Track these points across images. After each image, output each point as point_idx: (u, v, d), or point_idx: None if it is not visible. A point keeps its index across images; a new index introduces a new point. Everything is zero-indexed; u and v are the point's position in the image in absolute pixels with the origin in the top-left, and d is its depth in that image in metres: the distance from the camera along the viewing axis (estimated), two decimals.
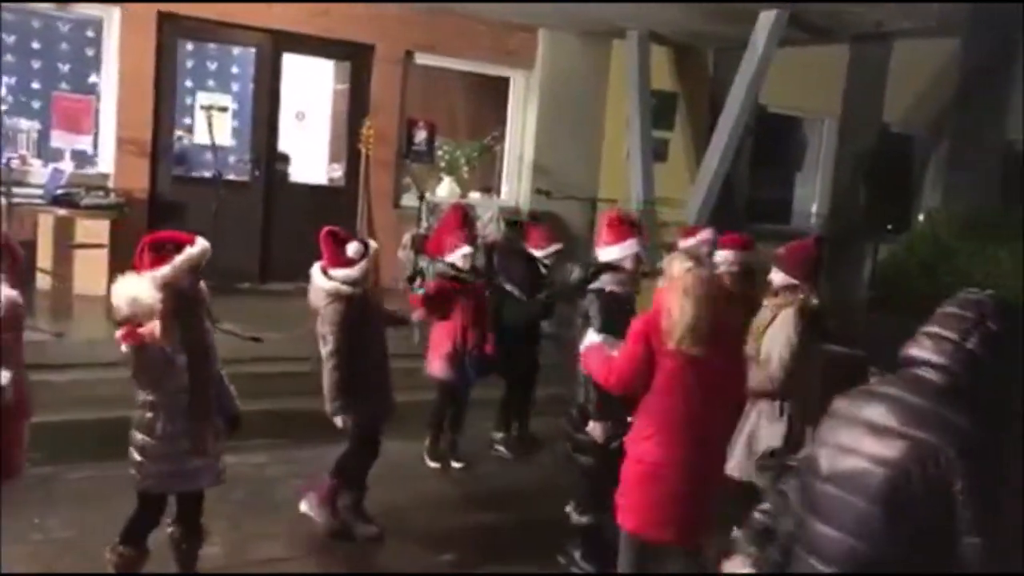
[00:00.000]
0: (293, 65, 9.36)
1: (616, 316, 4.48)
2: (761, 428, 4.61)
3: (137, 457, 3.91)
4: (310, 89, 10.08)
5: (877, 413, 2.28)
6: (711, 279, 3.83)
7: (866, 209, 8.98)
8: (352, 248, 4.72)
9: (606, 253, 4.75)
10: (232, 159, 9.15)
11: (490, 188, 10.49)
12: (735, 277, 5.27)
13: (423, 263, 8.89)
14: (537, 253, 6.71)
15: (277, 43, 9.02)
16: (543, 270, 6.70)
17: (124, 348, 3.65)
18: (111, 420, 5.87)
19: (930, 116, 12.71)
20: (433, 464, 6.22)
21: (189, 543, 4.11)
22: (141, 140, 8.47)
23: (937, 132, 12.79)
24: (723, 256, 5.44)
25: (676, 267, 3.88)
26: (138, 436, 3.90)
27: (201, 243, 3.92)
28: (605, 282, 4.70)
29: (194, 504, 4.08)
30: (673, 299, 3.70)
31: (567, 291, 6.49)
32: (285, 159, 9.51)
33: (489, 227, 9.37)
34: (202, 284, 4.08)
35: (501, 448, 6.62)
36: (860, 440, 2.28)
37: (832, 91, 11.91)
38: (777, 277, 4.72)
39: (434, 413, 6.33)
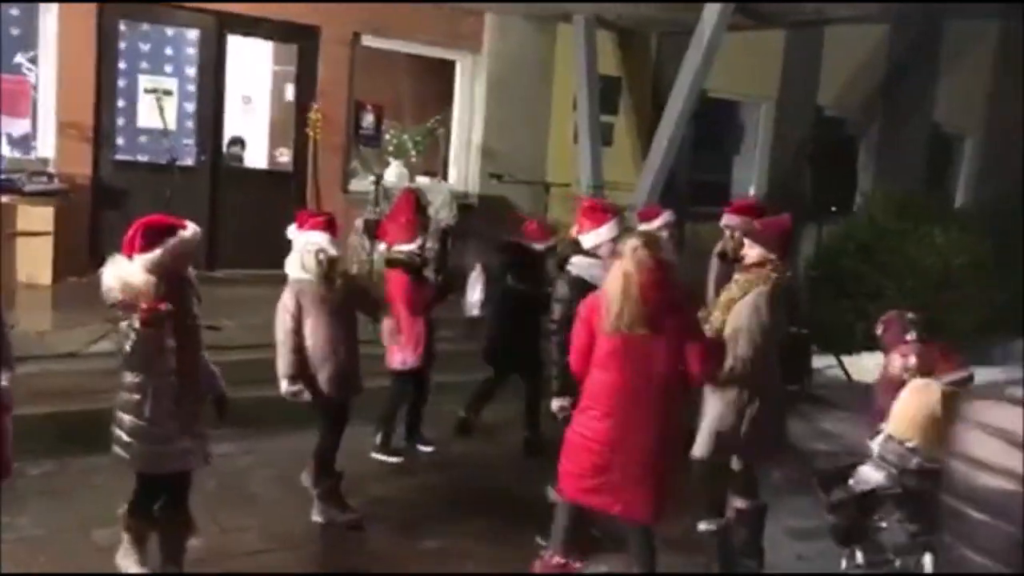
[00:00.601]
0: (238, 48, 9.18)
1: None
2: (720, 408, 4.57)
3: (126, 439, 3.95)
4: (255, 72, 9.89)
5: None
6: (656, 261, 3.87)
7: (812, 191, 9.22)
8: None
9: (586, 239, 4.85)
10: (176, 144, 8.93)
11: (437, 172, 10.46)
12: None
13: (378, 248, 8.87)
14: (540, 247, 6.59)
15: (222, 25, 8.83)
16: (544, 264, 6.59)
17: (125, 328, 3.73)
18: (68, 414, 5.82)
19: (861, 100, 13.11)
20: (382, 458, 6.07)
21: (177, 531, 4.13)
22: (83, 124, 8.22)
23: (868, 116, 13.21)
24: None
25: (623, 249, 4.02)
26: (126, 418, 3.95)
27: (193, 228, 3.97)
28: (579, 266, 4.79)
29: (182, 488, 4.13)
30: (611, 280, 3.89)
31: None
32: (240, 143, 9.34)
33: (442, 212, 9.35)
34: (190, 269, 4.13)
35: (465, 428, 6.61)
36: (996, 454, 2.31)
37: (769, 76, 12.21)
38: (752, 252, 4.56)
39: (387, 406, 6.21)
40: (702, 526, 4.69)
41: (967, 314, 9.92)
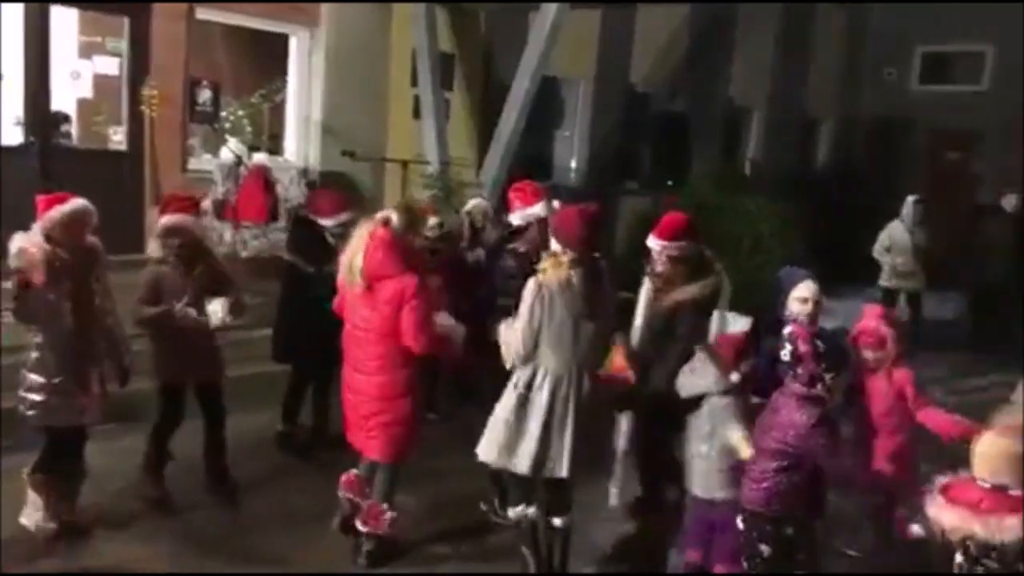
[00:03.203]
0: (65, 19, 8.51)
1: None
2: None
3: (24, 393, 4.40)
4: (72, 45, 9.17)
5: None
6: (389, 230, 4.32)
7: (649, 166, 9.82)
8: None
9: (515, 217, 5.07)
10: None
11: (275, 149, 10.20)
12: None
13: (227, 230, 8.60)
14: (326, 223, 5.73)
15: None
16: (332, 241, 5.62)
17: (9, 287, 4.23)
18: None
19: (667, 76, 13.95)
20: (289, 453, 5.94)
21: (70, 481, 4.58)
22: None
23: (672, 91, 14.09)
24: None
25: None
26: (29, 375, 4.40)
27: (74, 202, 4.43)
28: (519, 243, 5.02)
29: (77, 442, 4.58)
30: (353, 237, 4.46)
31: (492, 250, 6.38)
32: (65, 119, 8.67)
33: (291, 190, 9.17)
34: (96, 244, 4.57)
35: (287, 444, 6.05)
36: None
37: (585, 54, 12.73)
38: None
39: (285, 400, 6.07)
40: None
41: (773, 273, 10.92)
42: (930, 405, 4.59)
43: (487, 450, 4.25)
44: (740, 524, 3.94)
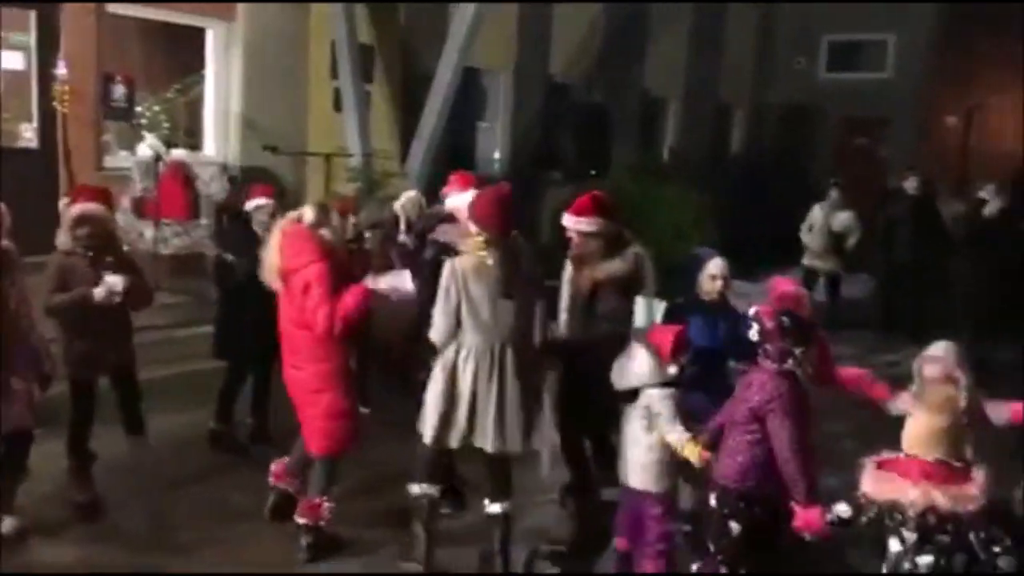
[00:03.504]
0: None
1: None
2: None
3: None
4: None
5: None
6: (297, 226, 4.48)
7: (573, 156, 9.94)
8: None
9: (451, 201, 5.11)
10: None
11: (194, 145, 10.02)
12: None
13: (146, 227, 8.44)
14: (247, 206, 5.81)
15: None
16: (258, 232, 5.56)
17: None
18: None
19: (585, 67, 14.13)
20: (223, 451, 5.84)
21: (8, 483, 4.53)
22: None
23: (590, 82, 14.28)
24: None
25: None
26: None
27: None
28: (443, 233, 5.04)
29: (18, 445, 4.50)
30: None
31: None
32: None
33: (212, 186, 9.03)
34: (9, 247, 4.50)
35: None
36: None
37: (505, 45, 12.81)
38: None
39: (220, 397, 5.92)
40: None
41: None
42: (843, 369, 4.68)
43: (424, 430, 4.33)
44: (712, 501, 3.95)
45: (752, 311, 3.95)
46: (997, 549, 3.03)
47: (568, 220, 4.74)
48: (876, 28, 16.41)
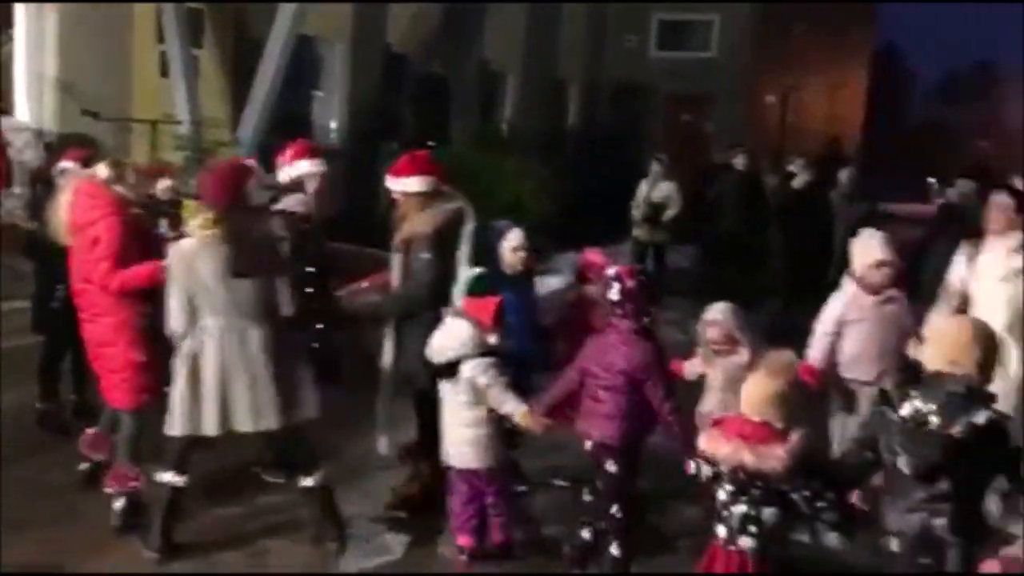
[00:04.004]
0: None
1: (303, 238, 4.77)
2: None
3: None
4: None
5: None
6: (95, 184, 4.41)
7: (412, 127, 9.92)
8: None
9: (287, 172, 4.95)
10: None
11: (5, 109, 9.36)
12: None
13: None
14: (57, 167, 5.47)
15: None
16: None
17: None
18: None
19: (423, 39, 14.08)
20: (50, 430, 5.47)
21: None
22: None
23: (429, 54, 14.25)
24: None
25: None
26: None
27: None
28: (288, 203, 4.91)
29: None
30: None
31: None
32: None
33: (26, 153, 8.48)
34: None
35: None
36: None
37: (341, 13, 12.60)
38: None
39: (39, 374, 5.55)
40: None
41: (536, 233, 11.43)
42: None
43: (172, 424, 4.06)
44: (588, 447, 3.89)
45: (611, 271, 3.97)
46: (822, 504, 3.22)
47: (390, 182, 4.63)
48: (703, 9, 17.13)
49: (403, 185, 4.53)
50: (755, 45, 16.99)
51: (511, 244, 4.72)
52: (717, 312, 4.61)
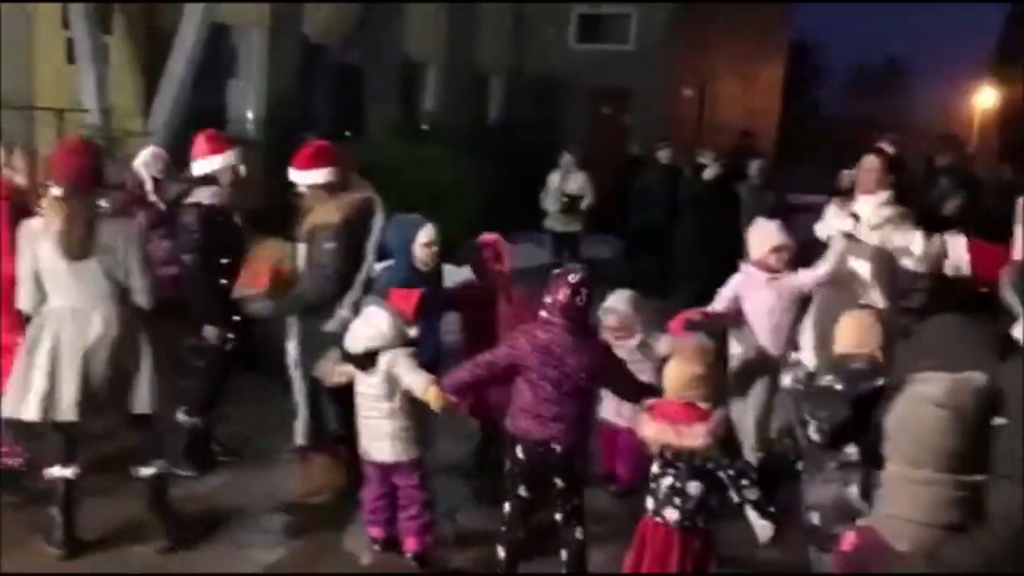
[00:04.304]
0: None
1: (218, 230, 4.71)
2: None
3: None
4: None
5: None
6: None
7: (327, 117, 9.82)
8: None
9: (201, 166, 4.88)
10: None
11: None
12: None
13: None
14: None
15: None
16: None
17: None
18: None
19: (340, 28, 13.90)
20: None
21: None
22: None
23: (346, 43, 14.08)
24: None
25: None
26: None
27: None
28: (202, 196, 4.84)
29: None
30: None
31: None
32: None
33: None
34: None
35: None
36: None
37: (257, 1, 12.36)
38: None
39: None
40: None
41: (458, 224, 11.41)
42: None
43: (4, 402, 4.01)
44: (526, 447, 3.84)
45: (573, 278, 3.88)
46: (745, 482, 3.46)
47: (293, 175, 4.58)
48: (620, 1, 17.32)
49: (306, 178, 4.53)
50: (673, 39, 17.23)
51: (423, 239, 4.70)
52: (615, 300, 4.80)
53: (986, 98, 29.11)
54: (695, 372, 3.59)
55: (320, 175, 4.52)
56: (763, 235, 4.94)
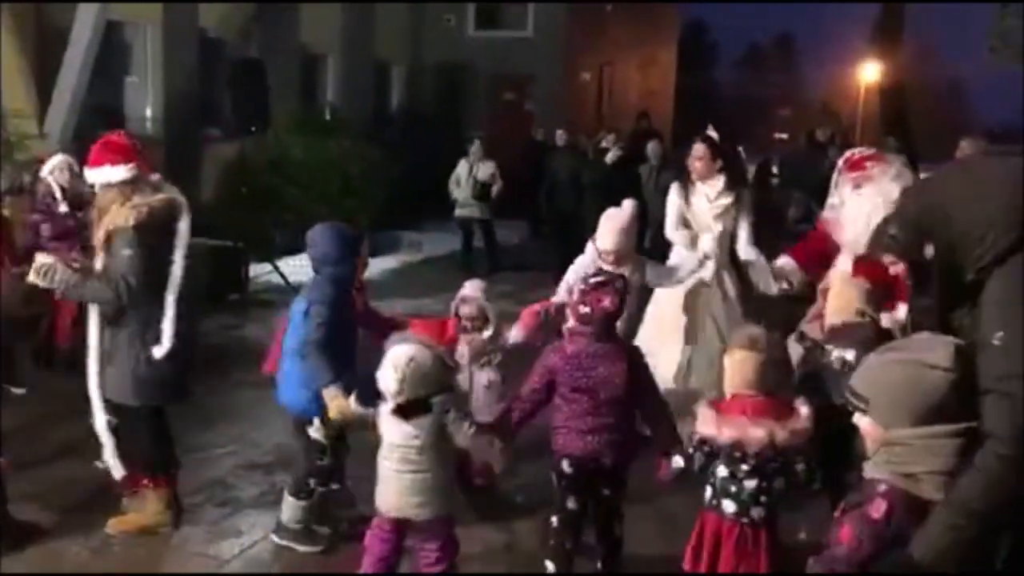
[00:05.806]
0: None
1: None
2: None
3: None
4: None
5: None
6: None
7: (231, 112, 9.77)
8: None
9: (104, 174, 4.37)
10: None
11: None
12: None
13: None
14: None
15: None
16: None
17: None
18: None
19: (238, 22, 13.77)
20: None
21: None
22: None
23: (244, 37, 13.96)
24: None
25: None
26: None
27: None
28: None
29: None
30: None
31: None
32: None
33: None
34: None
35: None
36: None
37: None
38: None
39: None
40: None
41: (366, 214, 11.48)
42: None
43: None
44: (570, 464, 3.75)
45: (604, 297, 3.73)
46: (800, 466, 3.31)
47: (87, 173, 4.13)
48: None
49: (100, 175, 4.06)
50: (569, 24, 17.56)
51: (364, 252, 4.62)
52: (471, 289, 4.68)
53: (870, 72, 30.32)
54: (763, 359, 3.33)
55: (113, 172, 4.00)
56: (605, 229, 4.92)
